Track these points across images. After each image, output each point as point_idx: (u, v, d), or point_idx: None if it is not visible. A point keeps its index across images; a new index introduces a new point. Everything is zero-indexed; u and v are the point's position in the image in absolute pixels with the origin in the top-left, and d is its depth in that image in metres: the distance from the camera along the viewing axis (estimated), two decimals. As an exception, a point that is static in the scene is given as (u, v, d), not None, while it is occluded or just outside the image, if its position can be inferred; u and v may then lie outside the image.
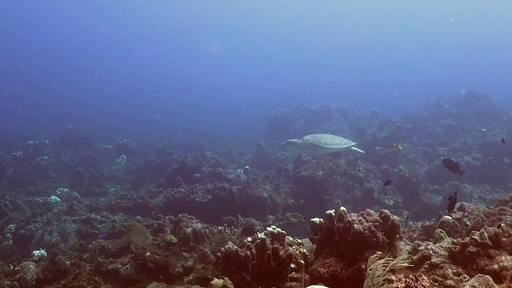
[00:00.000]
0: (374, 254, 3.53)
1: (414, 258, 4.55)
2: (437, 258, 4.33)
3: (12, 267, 6.95)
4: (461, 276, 3.88)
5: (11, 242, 10.00)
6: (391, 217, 4.78)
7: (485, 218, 5.52)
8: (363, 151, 9.97)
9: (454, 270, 4.03)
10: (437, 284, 3.85)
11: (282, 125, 24.21)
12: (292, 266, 4.77)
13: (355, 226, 4.52)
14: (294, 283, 4.67)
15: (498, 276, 3.74)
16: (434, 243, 4.72)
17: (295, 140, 8.64)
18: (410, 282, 3.37)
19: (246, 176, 13.37)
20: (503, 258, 3.93)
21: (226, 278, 4.78)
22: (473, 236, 4.19)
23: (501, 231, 4.33)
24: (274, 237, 5.21)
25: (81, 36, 74.19)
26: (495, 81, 49.32)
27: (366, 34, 76.96)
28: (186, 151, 19.06)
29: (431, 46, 75.20)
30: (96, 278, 6.70)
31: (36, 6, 65.16)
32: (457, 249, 4.23)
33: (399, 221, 4.83)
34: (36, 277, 6.71)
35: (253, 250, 5.01)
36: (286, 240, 5.28)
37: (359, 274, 4.15)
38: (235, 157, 20.67)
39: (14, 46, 65.57)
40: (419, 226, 6.56)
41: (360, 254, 4.39)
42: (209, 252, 7.14)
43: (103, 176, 16.82)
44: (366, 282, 3.37)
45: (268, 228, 5.37)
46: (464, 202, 6.61)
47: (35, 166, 17.50)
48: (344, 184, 12.27)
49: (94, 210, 12.26)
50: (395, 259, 3.39)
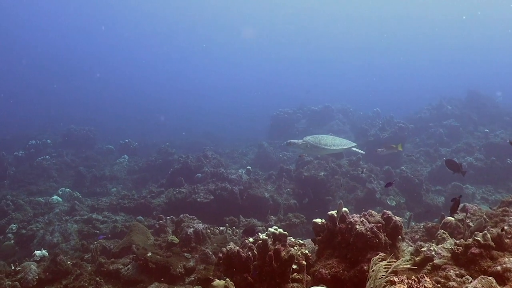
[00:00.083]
0: (377, 256, 3.51)
1: (417, 259, 4.52)
2: (439, 259, 4.30)
3: (13, 267, 6.95)
4: (463, 277, 3.85)
5: (13, 242, 10.02)
6: (394, 218, 4.75)
7: (488, 219, 5.48)
8: (363, 152, 9.94)
9: (457, 272, 4.00)
10: (439, 285, 3.81)
11: (284, 125, 24.18)
12: (294, 267, 4.75)
13: (357, 227, 4.50)
14: (296, 284, 4.65)
15: (501, 277, 3.71)
16: (437, 245, 4.70)
17: (295, 140, 8.61)
18: (413, 283, 3.34)
19: (248, 176, 13.35)
20: (506, 259, 3.90)
21: (227, 279, 4.76)
22: (476, 237, 4.16)
23: (504, 233, 4.30)
24: (276, 238, 5.19)
25: (82, 36, 74.49)
26: (497, 81, 49.19)
27: (367, 34, 77.02)
28: (188, 151, 19.05)
29: (433, 46, 75.27)
30: (97, 278, 6.70)
31: (36, 7, 65.44)
32: (459, 250, 4.20)
33: (402, 222, 4.80)
34: (37, 277, 6.71)
35: (254, 251, 4.99)
36: (288, 241, 5.26)
37: (361, 276, 4.13)
38: (237, 157, 20.67)
39: (14, 46, 65.89)
40: (422, 227, 6.53)
41: (362, 255, 4.37)
42: (210, 252, 7.13)
43: (105, 176, 16.83)
44: (368, 283, 3.35)
45: (270, 229, 5.35)
46: (466, 203, 6.58)
47: (37, 166, 17.53)
48: (346, 184, 12.24)
49: (96, 210, 12.27)
50: (398, 261, 3.37)
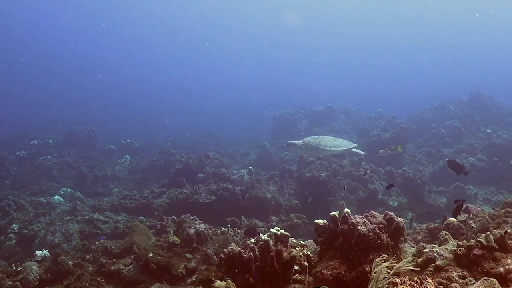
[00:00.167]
0: (379, 257, 3.49)
1: (419, 260, 4.50)
2: (442, 260, 4.28)
3: (14, 268, 6.94)
4: (466, 279, 3.83)
5: (14, 242, 10.01)
6: (396, 219, 4.73)
7: (490, 221, 5.46)
8: (364, 153, 9.91)
9: (459, 273, 3.97)
10: (442, 287, 3.79)
11: (286, 125, 24.18)
12: (295, 268, 4.73)
13: (359, 228, 4.47)
14: (297, 285, 4.63)
15: (504, 279, 3.69)
16: (439, 246, 4.67)
17: (295, 141, 8.58)
18: (415, 285, 3.33)
19: (249, 176, 13.34)
20: (509, 261, 3.87)
21: (229, 280, 4.75)
22: (478, 238, 4.13)
23: (507, 235, 4.28)
24: (278, 238, 5.17)
25: (82, 36, 74.71)
26: (499, 82, 49.15)
27: (368, 34, 76.97)
28: (190, 152, 19.06)
29: (435, 46, 75.17)
30: (98, 279, 6.68)
31: (36, 7, 65.68)
32: (462, 251, 4.18)
33: (404, 223, 4.78)
34: (38, 277, 6.70)
35: (256, 252, 4.97)
36: (289, 241, 5.24)
37: (363, 277, 4.11)
38: (239, 157, 20.67)
39: (15, 46, 66.03)
40: (424, 228, 6.50)
41: (364, 256, 4.35)
42: (212, 253, 7.11)
43: (107, 176, 16.84)
44: (370, 285, 3.33)
45: (271, 229, 5.33)
46: (469, 204, 6.55)
47: (39, 166, 17.55)
48: (348, 185, 12.22)
49: (97, 211, 12.27)
50: (400, 262, 3.35)
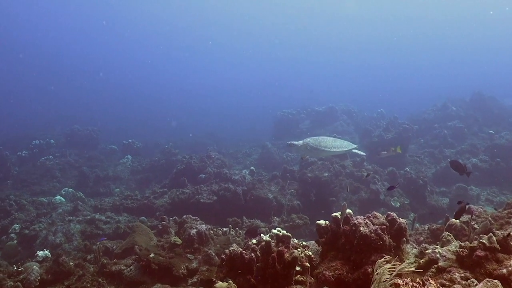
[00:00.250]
0: (381, 258, 3.48)
1: (421, 261, 4.47)
2: (444, 262, 4.25)
3: (16, 268, 6.94)
4: (469, 280, 3.80)
5: (16, 242, 10.01)
6: (398, 220, 4.71)
7: (493, 222, 5.43)
8: (364, 154, 9.90)
9: (462, 275, 3.95)
10: (444, 288, 3.78)
11: (288, 126, 24.15)
12: (297, 269, 4.71)
13: (361, 229, 4.46)
14: (299, 286, 4.61)
15: (506, 280, 3.66)
16: (442, 247, 4.65)
17: (295, 142, 8.57)
18: (417, 286, 3.31)
19: (251, 177, 13.32)
20: (512, 262, 3.85)
21: (230, 280, 4.73)
22: (481, 239, 4.11)
23: (510, 236, 4.25)
24: (279, 239, 5.16)
25: (83, 36, 74.75)
26: (500, 82, 49.02)
27: (369, 34, 76.89)
28: (191, 152, 19.02)
29: (437, 46, 75.10)
30: (99, 279, 6.68)
31: (36, 6, 65.78)
32: (465, 253, 4.15)
33: (406, 224, 4.76)
34: (39, 278, 6.68)
35: (257, 253, 4.96)
36: (291, 242, 5.23)
37: (365, 278, 4.09)
38: (241, 158, 20.66)
39: (15, 46, 66.14)
40: (426, 229, 6.47)
41: (366, 257, 4.33)
42: (213, 254, 7.09)
43: (108, 176, 16.84)
44: (372, 286, 3.31)
45: (273, 230, 5.32)
46: (471, 205, 6.51)
47: (40, 166, 17.57)
48: (350, 186, 12.19)
49: (99, 211, 12.27)
50: (402, 263, 3.33)
